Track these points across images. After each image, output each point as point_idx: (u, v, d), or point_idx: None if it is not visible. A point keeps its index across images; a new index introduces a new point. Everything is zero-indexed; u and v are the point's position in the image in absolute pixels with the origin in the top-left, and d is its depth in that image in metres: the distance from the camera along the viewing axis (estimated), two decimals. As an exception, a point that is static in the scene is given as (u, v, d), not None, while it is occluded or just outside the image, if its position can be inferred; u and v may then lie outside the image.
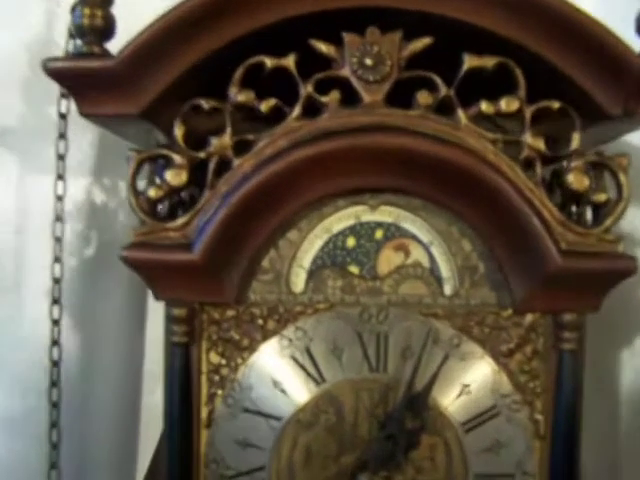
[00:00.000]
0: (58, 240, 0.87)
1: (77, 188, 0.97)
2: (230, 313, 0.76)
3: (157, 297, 0.75)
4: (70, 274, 0.96)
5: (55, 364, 0.89)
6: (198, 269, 0.73)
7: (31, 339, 0.94)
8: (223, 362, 0.76)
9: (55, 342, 0.91)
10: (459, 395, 0.76)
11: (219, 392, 0.77)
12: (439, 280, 0.76)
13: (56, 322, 0.88)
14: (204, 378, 0.77)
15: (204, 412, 0.77)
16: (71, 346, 0.96)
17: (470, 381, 0.76)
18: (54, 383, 0.90)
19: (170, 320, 0.75)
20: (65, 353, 0.91)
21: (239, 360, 0.76)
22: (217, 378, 0.77)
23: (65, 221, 0.89)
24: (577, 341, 0.75)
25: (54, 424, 0.90)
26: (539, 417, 0.77)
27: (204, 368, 0.77)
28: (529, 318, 0.76)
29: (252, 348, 0.76)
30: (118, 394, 1.00)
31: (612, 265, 0.72)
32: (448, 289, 0.76)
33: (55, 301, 0.88)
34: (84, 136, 0.97)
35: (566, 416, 0.75)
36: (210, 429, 0.77)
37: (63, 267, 0.88)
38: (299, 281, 0.76)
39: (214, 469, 0.77)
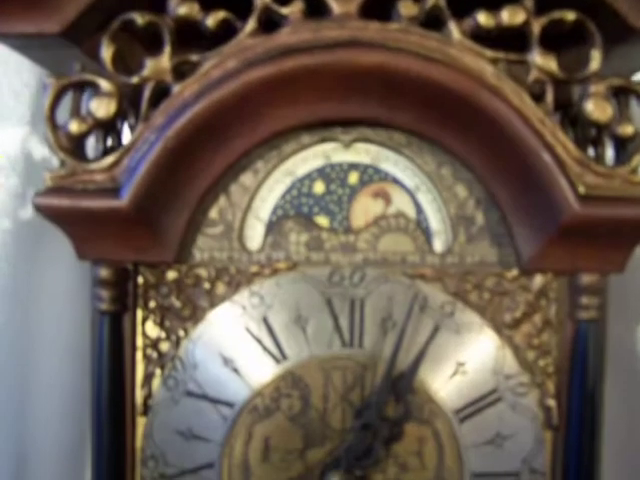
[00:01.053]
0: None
1: (10, 138, 0.84)
2: (170, 275, 0.64)
3: (81, 256, 0.62)
4: (2, 238, 0.84)
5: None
6: (128, 219, 0.60)
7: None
8: (162, 335, 0.64)
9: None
10: (452, 376, 0.63)
11: (157, 372, 0.64)
12: (427, 234, 0.63)
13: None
14: (139, 355, 0.65)
15: (139, 397, 0.65)
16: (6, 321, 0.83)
17: (466, 358, 0.63)
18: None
19: (96, 283, 0.62)
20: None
21: (181, 333, 0.64)
22: (155, 355, 0.64)
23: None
24: (598, 309, 0.62)
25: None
26: (551, 403, 0.64)
27: (139, 342, 0.64)
28: (539, 280, 0.63)
29: (197, 318, 0.64)
30: (64, 378, 0.87)
31: (641, 212, 0.59)
32: (439, 244, 0.63)
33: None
34: (17, 76, 0.84)
35: (584, 401, 0.63)
36: (147, 418, 0.64)
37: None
38: (255, 235, 0.64)
39: (152, 467, 0.64)
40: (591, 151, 0.65)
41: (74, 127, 0.62)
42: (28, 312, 0.86)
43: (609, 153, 0.64)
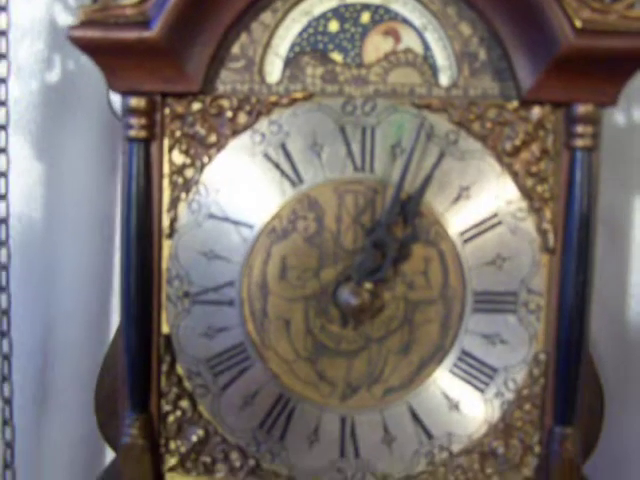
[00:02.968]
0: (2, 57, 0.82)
1: (34, 5, 0.90)
2: (195, 106, 0.71)
3: (113, 87, 0.69)
4: (30, 99, 0.90)
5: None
6: (157, 49, 0.67)
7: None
8: (187, 162, 0.71)
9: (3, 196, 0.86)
10: (457, 200, 0.70)
11: (182, 196, 0.71)
12: (434, 69, 0.70)
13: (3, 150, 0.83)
14: (166, 181, 0.71)
15: (166, 220, 0.71)
16: (30, 180, 0.90)
17: (469, 183, 0.70)
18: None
19: (127, 113, 0.70)
20: (16, 185, 0.86)
21: (205, 159, 0.71)
22: (181, 180, 0.71)
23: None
24: (592, 137, 0.69)
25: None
26: (548, 227, 0.71)
27: (166, 170, 0.71)
28: (537, 111, 0.70)
29: (220, 145, 0.70)
30: (89, 241, 0.94)
31: (635, 44, 0.65)
32: (444, 79, 0.70)
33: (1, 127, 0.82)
34: None
35: (579, 226, 0.69)
36: (172, 240, 0.71)
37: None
38: (274, 70, 0.71)
39: (177, 286, 0.71)
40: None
41: (105, -35, 0.69)
42: (54, 167, 0.92)
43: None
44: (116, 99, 0.77)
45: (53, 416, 0.96)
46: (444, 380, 0.72)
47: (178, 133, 0.71)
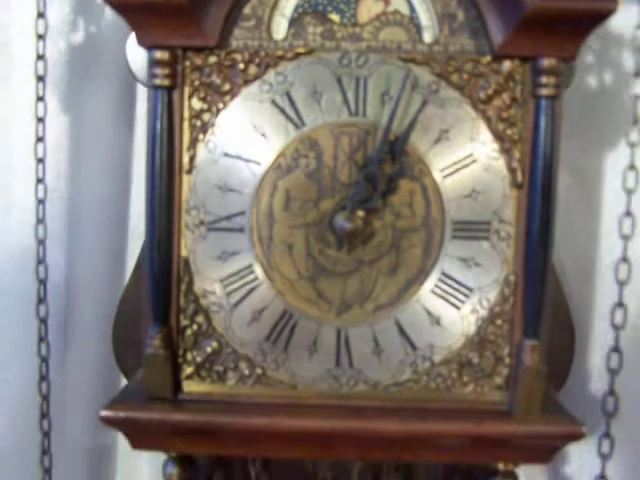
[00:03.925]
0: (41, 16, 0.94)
1: None
2: (212, 59, 0.83)
3: (141, 42, 0.82)
4: (58, 57, 1.02)
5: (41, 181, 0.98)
6: (181, 10, 0.79)
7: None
8: (205, 107, 0.83)
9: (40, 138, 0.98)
10: (437, 141, 0.83)
11: (201, 137, 0.83)
12: (418, 28, 0.83)
13: (41, 98, 0.95)
14: (186, 124, 0.83)
15: (186, 158, 0.83)
16: (58, 127, 1.02)
17: (448, 127, 0.82)
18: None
19: (152, 64, 0.82)
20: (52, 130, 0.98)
21: (220, 105, 0.83)
22: (199, 123, 0.83)
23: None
24: (554, 87, 0.81)
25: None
26: (516, 165, 0.83)
27: (186, 114, 0.83)
28: (507, 65, 0.82)
29: (233, 93, 0.83)
30: (107, 193, 1.06)
31: (590, 5, 0.78)
32: (427, 37, 0.83)
33: (40, 78, 0.95)
34: None
35: (543, 165, 0.81)
36: (191, 175, 0.83)
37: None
38: (280, 28, 0.83)
39: (195, 215, 0.84)
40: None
41: None
42: (78, 118, 1.04)
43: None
44: (133, 59, 0.88)
45: (76, 350, 1.08)
46: (427, 298, 0.84)
47: (197, 82, 0.83)
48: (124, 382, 0.97)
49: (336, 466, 0.99)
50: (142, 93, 1.03)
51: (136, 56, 0.87)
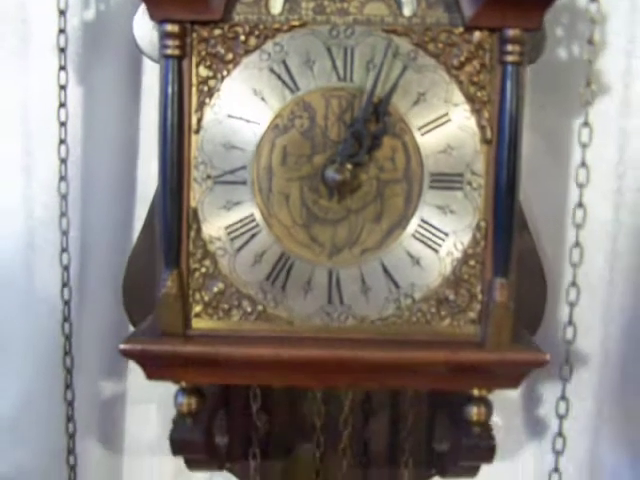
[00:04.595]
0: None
1: None
2: (217, 31, 0.95)
3: (153, 17, 0.94)
4: (72, 33, 1.14)
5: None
6: (189, -15, 0.92)
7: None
8: (210, 74, 0.95)
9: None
10: (416, 103, 0.95)
11: (207, 101, 0.96)
12: (399, 3, 0.95)
13: (63, 68, 1.08)
14: (194, 90, 0.96)
15: (194, 119, 0.96)
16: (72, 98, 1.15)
17: (425, 90, 0.95)
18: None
19: (163, 37, 0.94)
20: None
21: (224, 72, 0.95)
22: (205, 89, 0.96)
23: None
24: (519, 54, 0.93)
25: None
26: (486, 124, 0.95)
27: (194, 80, 0.96)
28: (477, 35, 0.94)
29: (236, 62, 0.95)
30: (116, 159, 1.19)
31: (548, -19, 0.90)
32: (407, 11, 0.95)
33: (62, 50, 1.07)
34: None
35: (509, 123, 0.94)
36: (199, 134, 0.96)
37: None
38: (277, 4, 0.95)
39: (202, 170, 0.96)
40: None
41: None
42: (90, 89, 1.16)
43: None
44: (139, 34, 1.00)
45: (89, 308, 1.20)
46: (408, 242, 0.96)
47: (203, 52, 0.95)
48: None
49: (329, 400, 1.11)
50: (148, 66, 1.16)
51: (142, 32, 0.99)
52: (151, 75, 1.13)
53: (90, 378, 1.22)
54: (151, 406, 1.26)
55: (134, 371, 1.28)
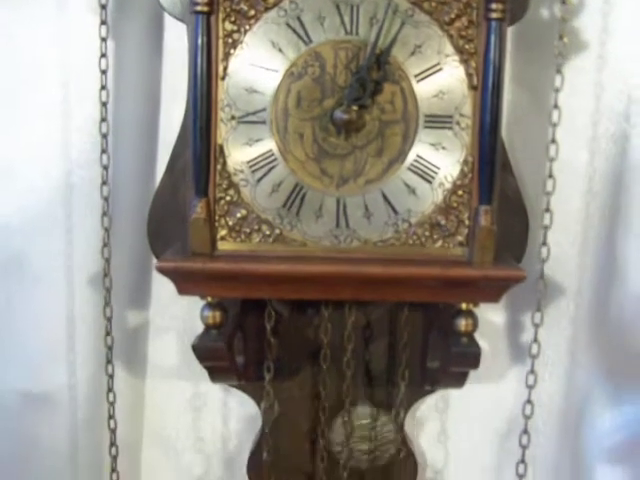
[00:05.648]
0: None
1: None
2: (237, 28, 1.13)
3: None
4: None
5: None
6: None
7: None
8: (235, 28, 1.12)
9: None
10: (412, 53, 1.13)
11: (232, 51, 1.13)
12: (397, -27, 1.13)
13: (104, 22, 1.25)
14: (220, 42, 1.13)
15: (220, 67, 1.13)
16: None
17: (421, 43, 1.13)
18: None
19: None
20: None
21: (247, 27, 1.12)
22: (230, 41, 1.13)
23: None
24: (502, 12, 1.11)
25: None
26: (472, 72, 1.13)
27: (220, 34, 1.13)
28: (465, -3, 1.12)
29: (257, 17, 1.12)
30: (141, 110, 1.36)
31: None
32: (405, -26, 1.13)
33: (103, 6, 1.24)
34: None
35: (493, 72, 1.11)
36: (225, 80, 1.13)
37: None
38: (292, -31, 1.13)
39: (227, 111, 1.14)
40: None
41: None
42: (117, 46, 1.31)
43: None
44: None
45: (116, 242, 1.37)
46: (405, 174, 1.15)
47: (228, 9, 1.12)
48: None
49: (334, 322, 1.30)
50: (169, 24, 1.31)
51: (165, -9, 1.16)
52: (172, 31, 1.29)
53: (117, 308, 1.38)
54: (171, 335, 1.44)
55: (157, 302, 1.47)
